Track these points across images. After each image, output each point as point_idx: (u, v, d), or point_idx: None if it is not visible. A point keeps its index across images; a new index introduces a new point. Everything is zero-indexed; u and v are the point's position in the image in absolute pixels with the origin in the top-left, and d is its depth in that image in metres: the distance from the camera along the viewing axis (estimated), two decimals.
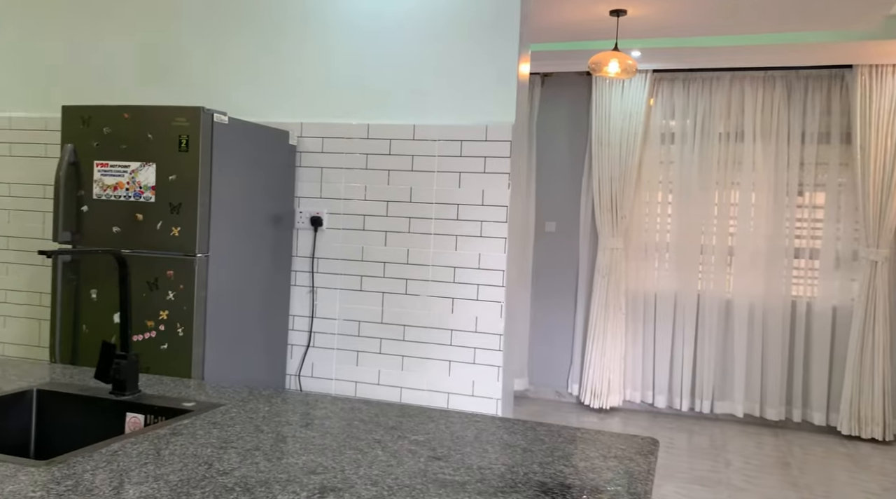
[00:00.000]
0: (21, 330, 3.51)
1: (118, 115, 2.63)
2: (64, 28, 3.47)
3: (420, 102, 2.99)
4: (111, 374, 1.72)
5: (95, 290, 2.67)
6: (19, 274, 3.52)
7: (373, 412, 1.71)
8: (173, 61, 3.32)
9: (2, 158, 3.53)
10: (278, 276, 3.07)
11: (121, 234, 2.64)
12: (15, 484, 1.18)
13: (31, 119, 3.49)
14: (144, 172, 2.60)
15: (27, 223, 3.50)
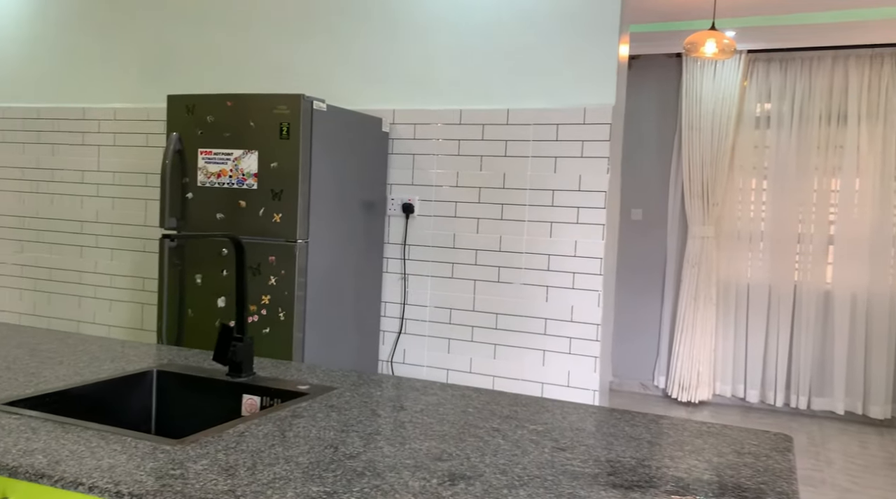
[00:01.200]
0: (125, 313, 3.67)
1: (221, 103, 2.69)
2: (161, 21, 3.58)
3: (514, 86, 2.94)
4: (228, 356, 1.75)
5: (200, 275, 2.75)
6: (123, 260, 3.67)
7: (484, 400, 1.68)
8: (266, 50, 3.38)
9: (106, 148, 3.68)
10: (370, 262, 3.09)
11: (224, 220, 2.70)
12: (154, 461, 1.21)
13: (134, 110, 3.62)
14: (247, 160, 2.65)
15: (130, 210, 3.64)
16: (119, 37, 3.68)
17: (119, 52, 3.67)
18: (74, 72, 3.76)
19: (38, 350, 2.00)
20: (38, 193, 3.83)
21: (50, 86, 3.81)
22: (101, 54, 3.71)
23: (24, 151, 3.86)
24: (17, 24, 3.88)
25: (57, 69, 3.80)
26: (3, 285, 3.93)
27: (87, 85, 3.73)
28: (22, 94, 3.87)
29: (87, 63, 3.73)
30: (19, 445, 1.26)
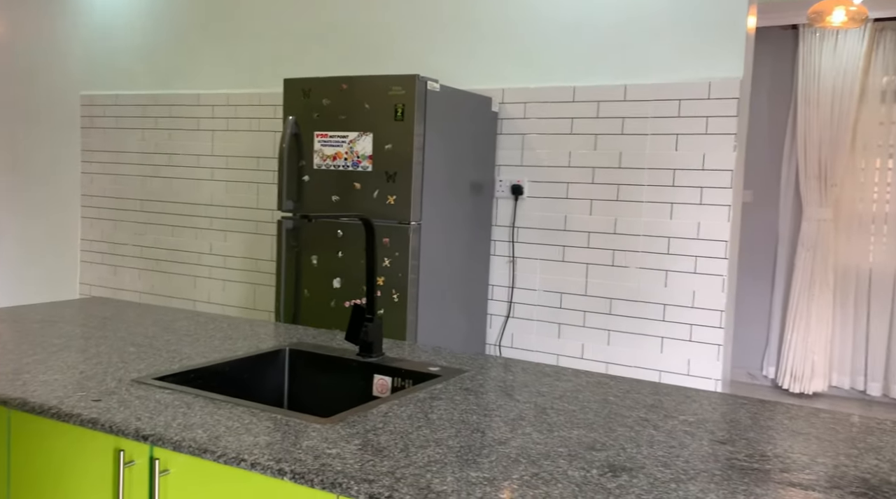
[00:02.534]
0: (239, 293, 3.79)
1: (336, 86, 2.70)
2: (271, 7, 3.64)
3: (631, 61, 2.82)
4: (360, 336, 1.76)
5: (316, 256, 2.79)
6: (235, 241, 3.78)
7: (624, 388, 1.62)
8: (375, 30, 3.38)
9: (220, 133, 3.80)
10: (478, 245, 3.05)
11: (339, 202, 2.73)
12: (308, 439, 1.22)
13: (246, 95, 3.71)
14: (362, 142, 2.66)
15: (242, 193, 3.74)
16: (231, 23, 3.77)
17: (231, 38, 3.77)
18: (189, 59, 3.89)
19: (172, 328, 2.07)
20: (157, 177, 4.00)
21: (166, 73, 3.96)
22: (214, 41, 3.81)
23: (143, 137, 4.03)
24: (136, 15, 4.04)
25: (172, 57, 3.94)
26: (125, 265, 4.14)
27: (201, 71, 3.85)
28: (140, 83, 4.04)
29: (200, 50, 3.85)
30: (178, 419, 1.30)
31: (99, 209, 4.22)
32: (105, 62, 4.15)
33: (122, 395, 1.42)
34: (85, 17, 4.21)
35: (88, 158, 4.24)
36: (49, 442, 1.40)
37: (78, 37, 4.24)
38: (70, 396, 1.40)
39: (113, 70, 4.13)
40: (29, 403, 1.36)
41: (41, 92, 4.40)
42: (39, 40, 4.38)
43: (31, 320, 2.05)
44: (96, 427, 1.28)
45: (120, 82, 4.11)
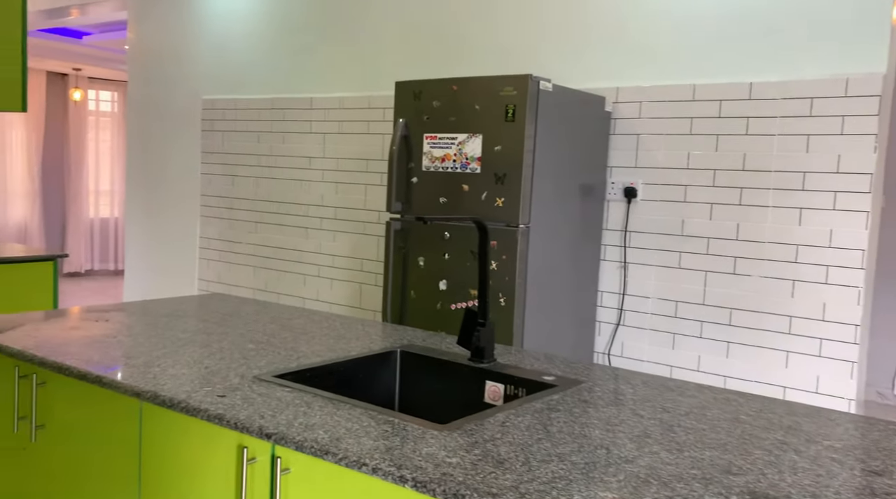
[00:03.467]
0: (345, 291, 3.87)
1: (447, 87, 2.70)
2: (381, 11, 3.69)
3: (757, 56, 2.65)
4: (473, 341, 1.73)
5: (423, 257, 2.79)
6: (343, 241, 3.86)
7: (755, 407, 1.50)
8: (484, 30, 3.35)
9: (332, 135, 3.89)
10: (588, 249, 2.96)
11: (447, 204, 2.72)
12: (427, 446, 1.20)
13: (356, 98, 3.78)
14: (471, 144, 2.64)
15: (351, 194, 3.82)
16: (343, 31, 3.85)
17: (343, 44, 3.85)
18: (303, 65, 4.01)
19: (289, 326, 2.12)
20: (271, 179, 4.14)
21: (281, 79, 4.10)
22: (327, 48, 3.91)
23: (259, 140, 4.19)
24: (254, 25, 4.21)
25: (287, 63, 4.07)
26: (240, 263, 4.32)
27: (314, 76, 3.96)
28: (257, 88, 4.21)
29: (314, 56, 3.96)
30: (299, 419, 1.31)
31: (216, 208, 4.42)
32: (225, 68, 4.35)
33: (245, 391, 1.45)
34: (207, 27, 4.42)
35: (207, 159, 4.45)
36: (177, 434, 1.45)
37: (201, 45, 4.46)
38: (197, 391, 1.44)
39: (232, 76, 4.32)
40: (160, 396, 1.41)
41: (169, 96, 4.67)
42: (168, 48, 4.65)
43: (158, 314, 2.16)
44: (222, 423, 1.31)
45: (238, 87, 4.29)
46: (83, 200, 8.85)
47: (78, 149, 8.76)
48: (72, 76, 8.63)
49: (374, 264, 3.75)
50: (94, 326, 1.96)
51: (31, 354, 1.64)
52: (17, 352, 1.67)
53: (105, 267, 9.16)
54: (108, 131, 9.10)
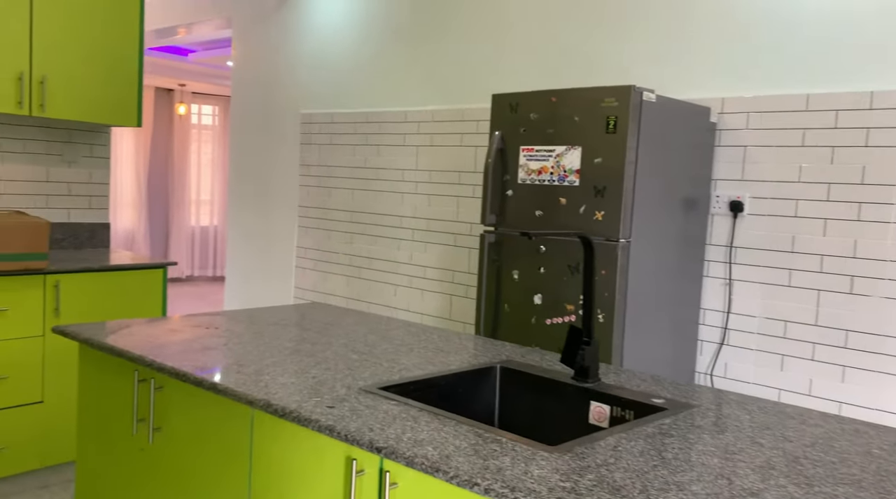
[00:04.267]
0: (435, 302, 3.88)
1: (545, 99, 2.67)
2: (475, 26, 3.70)
3: (879, 62, 2.49)
4: (577, 360, 1.69)
5: (517, 271, 2.77)
6: (434, 252, 3.88)
7: (889, 440, 1.40)
8: (579, 42, 3.30)
9: (423, 148, 3.93)
10: (690, 265, 2.86)
11: (543, 217, 2.69)
12: (539, 468, 1.17)
13: (449, 111, 3.81)
14: (569, 156, 2.60)
15: (443, 206, 3.84)
16: (436, 45, 3.89)
17: (436, 58, 3.89)
18: (397, 79, 4.07)
19: (388, 337, 2.14)
20: (365, 190, 4.23)
21: (376, 93, 4.18)
22: (420, 62, 3.96)
23: (354, 153, 4.29)
24: (350, 40, 4.32)
25: (382, 78, 4.15)
26: (334, 272, 4.42)
27: (408, 90, 4.01)
28: (353, 102, 4.31)
29: (408, 70, 4.02)
30: (407, 433, 1.31)
31: (313, 219, 4.55)
32: (323, 84, 4.48)
33: (352, 403, 1.47)
34: (307, 45, 4.57)
35: (305, 171, 4.59)
36: (286, 442, 1.48)
37: (301, 62, 4.61)
38: (307, 401, 1.47)
39: (330, 91, 4.44)
40: (272, 405, 1.44)
41: (269, 111, 4.85)
42: (269, 65, 4.83)
43: (264, 323, 2.22)
44: (332, 435, 1.33)
45: (335, 102, 4.41)
46: (185, 209, 9.31)
47: (181, 161, 9.23)
48: (177, 91, 9.12)
49: (464, 276, 3.75)
50: (205, 333, 2.03)
51: (150, 360, 1.72)
52: (138, 357, 1.75)
53: (204, 273, 9.60)
54: (210, 144, 9.56)
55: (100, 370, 1.95)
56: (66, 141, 3.66)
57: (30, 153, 3.53)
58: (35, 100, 3.17)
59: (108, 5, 3.40)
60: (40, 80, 3.18)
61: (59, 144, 3.64)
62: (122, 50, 3.47)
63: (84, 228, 3.77)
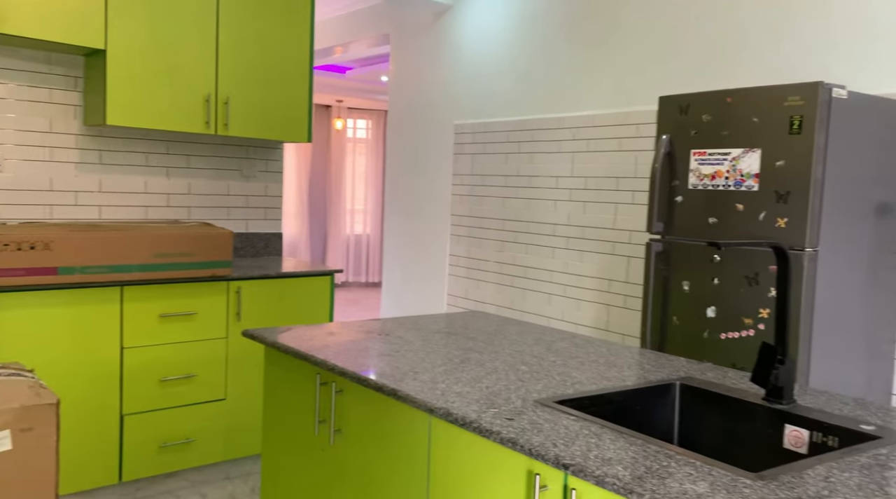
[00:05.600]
0: (592, 312, 3.79)
1: (720, 100, 2.52)
2: (637, 28, 3.58)
3: None
4: (770, 379, 1.56)
5: (687, 282, 2.63)
6: (591, 261, 3.79)
7: None
8: (750, 38, 3.09)
9: (580, 154, 3.85)
10: (884, 275, 2.57)
11: (717, 225, 2.53)
12: (741, 497, 1.08)
13: (606, 115, 3.71)
14: (747, 159, 2.43)
15: (600, 214, 3.74)
16: (592, 49, 3.81)
17: (593, 62, 3.81)
18: (554, 84, 4.03)
19: (554, 348, 2.10)
20: (517, 198, 4.22)
21: (530, 100, 4.16)
22: (576, 67, 3.89)
23: (506, 161, 4.29)
24: (504, 48, 4.34)
25: (537, 84, 4.12)
26: (486, 280, 4.45)
27: (564, 95, 3.96)
28: (506, 110, 4.32)
29: (563, 76, 3.96)
30: (593, 451, 1.27)
31: (465, 227, 4.60)
32: (476, 94, 4.53)
33: (530, 416, 1.45)
34: (460, 57, 4.65)
35: (458, 180, 4.66)
36: (463, 451, 1.48)
37: (454, 73, 4.70)
38: (485, 411, 1.47)
39: (483, 100, 4.48)
40: (452, 414, 1.45)
41: (424, 122, 4.98)
42: (423, 78, 4.97)
43: (430, 330, 2.26)
44: (515, 447, 1.31)
45: (488, 111, 4.44)
46: (341, 218, 9.80)
47: (338, 173, 9.73)
48: (334, 107, 9.63)
49: (622, 286, 3.63)
50: (377, 339, 2.10)
51: (332, 364, 1.80)
52: (320, 361, 1.84)
53: (358, 279, 10.04)
54: (364, 156, 10.00)
55: (283, 372, 2.07)
56: (244, 157, 3.96)
57: (214, 169, 3.85)
58: (220, 120, 3.46)
59: (283, 31, 3.65)
60: (224, 102, 3.47)
61: (238, 160, 3.94)
62: (294, 71, 3.70)
63: (260, 238, 4.05)
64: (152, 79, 3.23)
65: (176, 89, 3.31)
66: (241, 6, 3.49)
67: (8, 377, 2.25)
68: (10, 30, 2.85)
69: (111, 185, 3.50)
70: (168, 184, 3.69)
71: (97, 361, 2.94)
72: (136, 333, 3.03)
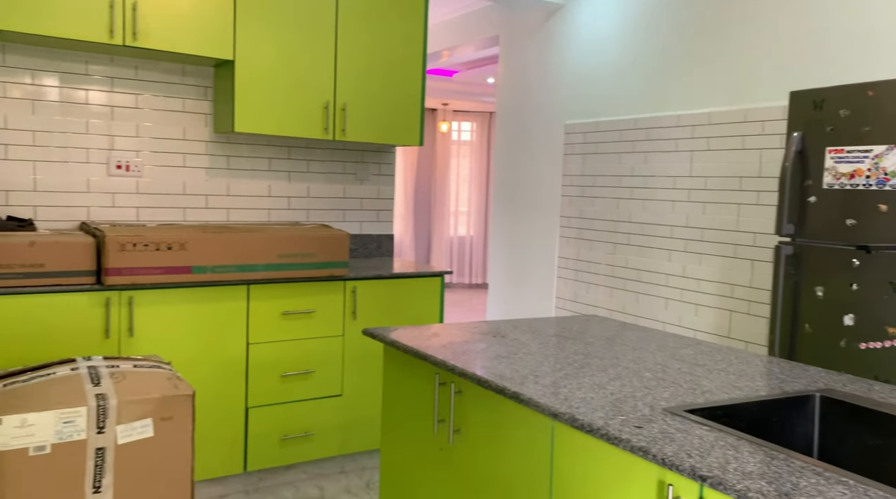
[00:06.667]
0: (711, 318, 3.63)
1: (860, 93, 2.35)
2: (758, 22, 3.40)
3: None
4: None
5: (822, 287, 2.46)
6: (711, 264, 3.63)
7: None
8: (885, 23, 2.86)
9: (699, 153, 3.70)
10: None
11: (855, 227, 2.36)
12: None
13: (729, 112, 3.54)
14: (892, 157, 2.25)
15: (721, 215, 3.58)
16: (713, 42, 3.65)
17: (713, 58, 3.65)
18: (671, 81, 3.90)
19: (678, 355, 2.02)
20: (631, 199, 4.11)
21: (645, 98, 4.05)
22: (695, 63, 3.75)
23: (619, 161, 4.19)
24: (617, 45, 4.24)
25: (652, 81, 4.00)
26: (597, 283, 4.36)
27: (683, 92, 3.82)
28: (619, 109, 4.22)
29: (681, 73, 3.83)
30: (731, 463, 1.21)
31: (575, 229, 4.53)
32: (588, 93, 4.46)
33: (660, 425, 1.40)
34: (571, 56, 4.59)
35: (568, 181, 4.59)
36: (588, 458, 1.46)
37: (565, 73, 4.64)
38: (612, 418, 1.43)
39: (594, 100, 4.40)
40: (578, 420, 1.43)
41: (533, 123, 4.95)
42: (533, 79, 4.94)
43: (546, 334, 2.24)
44: (646, 456, 1.27)
45: (600, 110, 4.35)
46: (445, 219, 9.91)
47: (442, 175, 9.85)
48: (440, 110, 9.75)
49: (746, 291, 3.45)
50: (493, 341, 2.10)
51: (452, 365, 1.81)
52: (440, 361, 1.86)
53: (461, 280, 10.11)
54: (468, 158, 10.07)
55: (402, 370, 2.11)
56: (358, 161, 4.08)
57: (331, 173, 3.99)
58: (338, 126, 3.58)
59: (397, 37, 3.73)
60: (342, 108, 3.58)
61: (352, 164, 4.06)
62: (407, 76, 3.78)
63: (372, 239, 4.16)
64: (276, 88, 3.39)
65: (297, 97, 3.45)
66: (358, 16, 3.60)
67: (149, 369, 2.42)
68: (153, 44, 3.07)
69: (238, 188, 3.70)
70: (289, 187, 3.85)
71: (226, 356, 3.11)
72: (261, 330, 3.18)
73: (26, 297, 2.68)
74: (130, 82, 3.39)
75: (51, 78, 3.20)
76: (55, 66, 3.21)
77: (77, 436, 2.12)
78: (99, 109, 3.33)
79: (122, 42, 2.99)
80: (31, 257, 2.71)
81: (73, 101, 3.27)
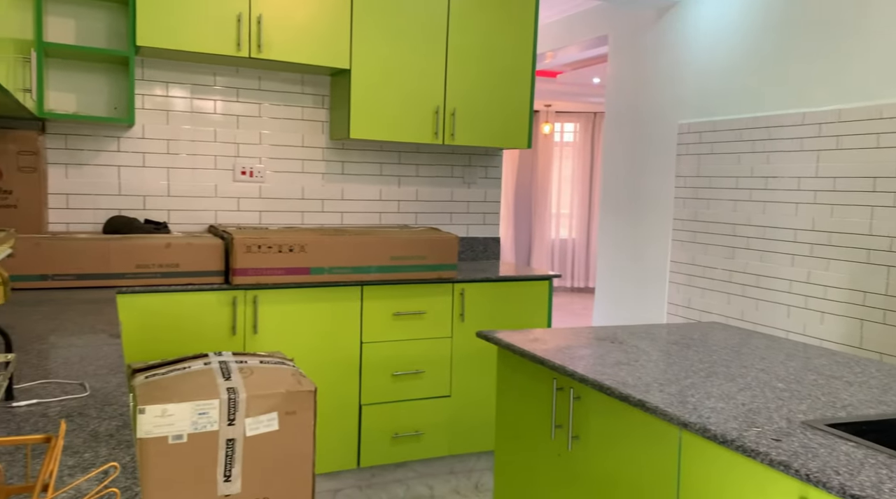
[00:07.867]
0: (840, 327, 3.41)
1: None
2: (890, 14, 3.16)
3: None
4: None
5: None
6: (840, 270, 3.41)
7: None
8: None
9: (826, 152, 3.49)
10: None
11: None
12: None
13: (861, 109, 3.32)
14: None
15: (852, 218, 3.35)
16: (847, 34, 3.43)
17: (845, 49, 3.43)
18: (795, 77, 3.70)
19: (811, 366, 1.91)
20: (751, 201, 3.92)
21: (767, 95, 3.85)
22: (822, 58, 3.53)
23: (738, 161, 4.01)
24: (735, 42, 4.06)
25: (776, 77, 3.81)
26: (713, 289, 4.19)
27: (808, 89, 3.61)
28: (738, 107, 4.03)
29: (807, 68, 3.62)
30: (886, 483, 1.13)
31: (688, 232, 4.38)
32: (703, 92, 4.29)
33: (800, 439, 1.33)
34: (685, 54, 4.43)
35: (681, 183, 4.44)
36: (720, 471, 1.40)
37: (678, 72, 4.50)
38: (745, 430, 1.37)
39: (711, 98, 4.23)
40: (709, 430, 1.38)
41: (644, 123, 4.83)
42: (644, 77, 4.81)
43: (665, 341, 2.18)
44: (788, 471, 1.21)
45: (717, 109, 4.19)
46: (546, 222, 9.82)
47: (544, 177, 9.77)
48: (543, 112, 9.68)
49: (880, 299, 3.22)
50: (611, 347, 2.06)
51: (571, 370, 1.80)
52: (558, 366, 1.84)
53: (563, 284, 9.99)
54: (570, 160, 9.94)
55: (516, 374, 2.11)
56: (465, 165, 4.12)
57: (439, 177, 4.05)
58: (447, 130, 3.63)
59: (506, 40, 3.74)
60: (451, 113, 3.63)
61: (460, 168, 4.10)
62: (516, 79, 3.78)
63: (479, 242, 4.18)
64: (389, 94, 3.48)
65: (409, 103, 3.53)
66: (468, 20, 3.63)
67: (274, 365, 2.54)
68: (275, 55, 3.22)
69: (351, 193, 3.82)
70: (399, 191, 3.94)
71: (341, 354, 3.22)
72: (373, 330, 3.27)
73: (163, 295, 2.88)
74: (253, 92, 3.57)
75: (182, 89, 3.43)
76: (186, 78, 3.43)
77: (210, 427, 2.26)
78: (225, 118, 3.53)
79: (248, 54, 3.16)
80: (167, 258, 2.90)
81: (202, 111, 3.48)
